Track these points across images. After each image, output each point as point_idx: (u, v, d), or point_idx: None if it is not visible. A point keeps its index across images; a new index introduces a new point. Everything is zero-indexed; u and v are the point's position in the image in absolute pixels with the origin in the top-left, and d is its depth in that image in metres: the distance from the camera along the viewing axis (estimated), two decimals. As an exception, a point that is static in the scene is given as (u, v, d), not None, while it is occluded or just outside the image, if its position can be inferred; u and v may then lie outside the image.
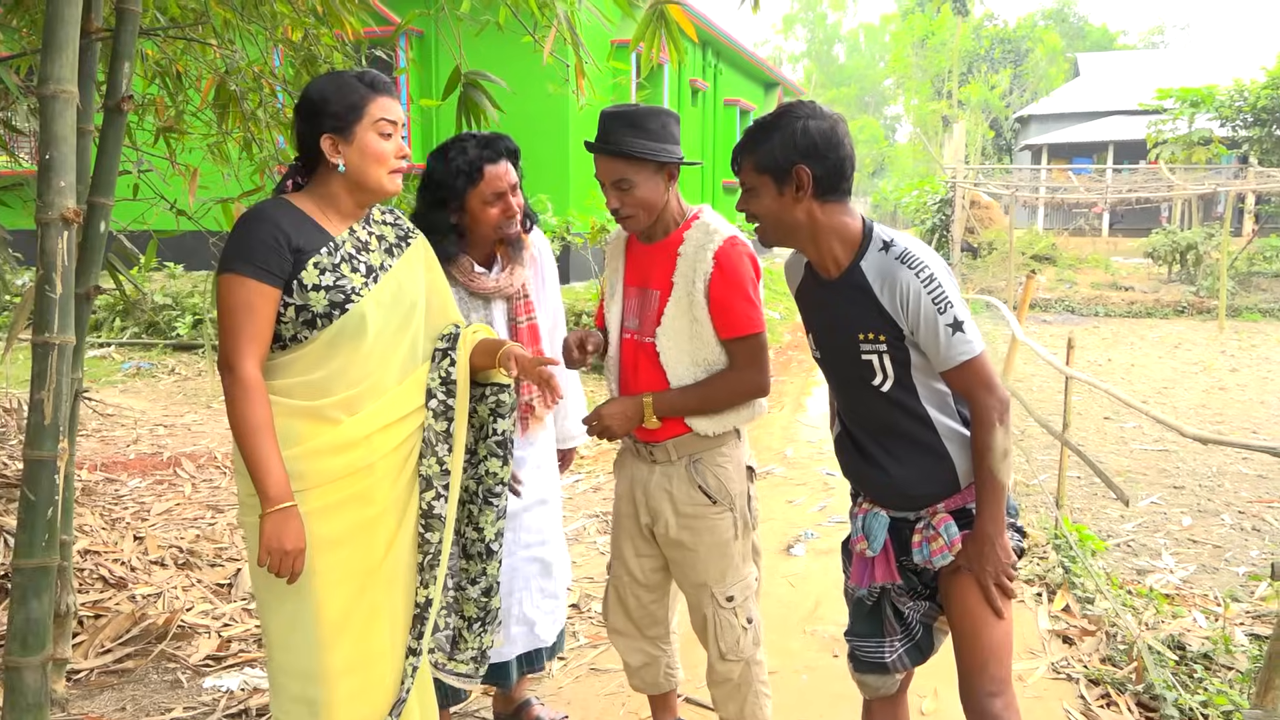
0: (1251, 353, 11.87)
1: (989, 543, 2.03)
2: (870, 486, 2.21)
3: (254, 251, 1.99)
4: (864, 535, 2.21)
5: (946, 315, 1.96)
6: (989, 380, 2.00)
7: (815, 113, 2.04)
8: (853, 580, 2.28)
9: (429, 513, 2.22)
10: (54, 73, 2.22)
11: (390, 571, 2.17)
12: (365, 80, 2.10)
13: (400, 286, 2.21)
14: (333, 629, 2.09)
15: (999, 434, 1.99)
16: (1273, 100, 21.05)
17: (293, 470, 2.01)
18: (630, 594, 2.63)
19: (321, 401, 2.07)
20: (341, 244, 2.12)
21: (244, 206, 3.49)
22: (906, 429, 2.10)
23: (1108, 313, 16.15)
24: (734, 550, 2.46)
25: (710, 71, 18.29)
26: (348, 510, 2.10)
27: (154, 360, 10.05)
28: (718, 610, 2.46)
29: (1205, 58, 33.90)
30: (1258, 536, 5.05)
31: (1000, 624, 2.06)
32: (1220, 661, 3.33)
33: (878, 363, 2.05)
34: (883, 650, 2.28)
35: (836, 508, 5.38)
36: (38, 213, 2.20)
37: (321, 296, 2.04)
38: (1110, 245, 23.73)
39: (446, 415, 2.24)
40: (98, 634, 3.55)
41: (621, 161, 2.33)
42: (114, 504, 5.29)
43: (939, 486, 2.11)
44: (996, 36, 37.87)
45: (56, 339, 2.19)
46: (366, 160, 2.08)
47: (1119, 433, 7.51)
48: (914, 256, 2.00)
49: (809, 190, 2.02)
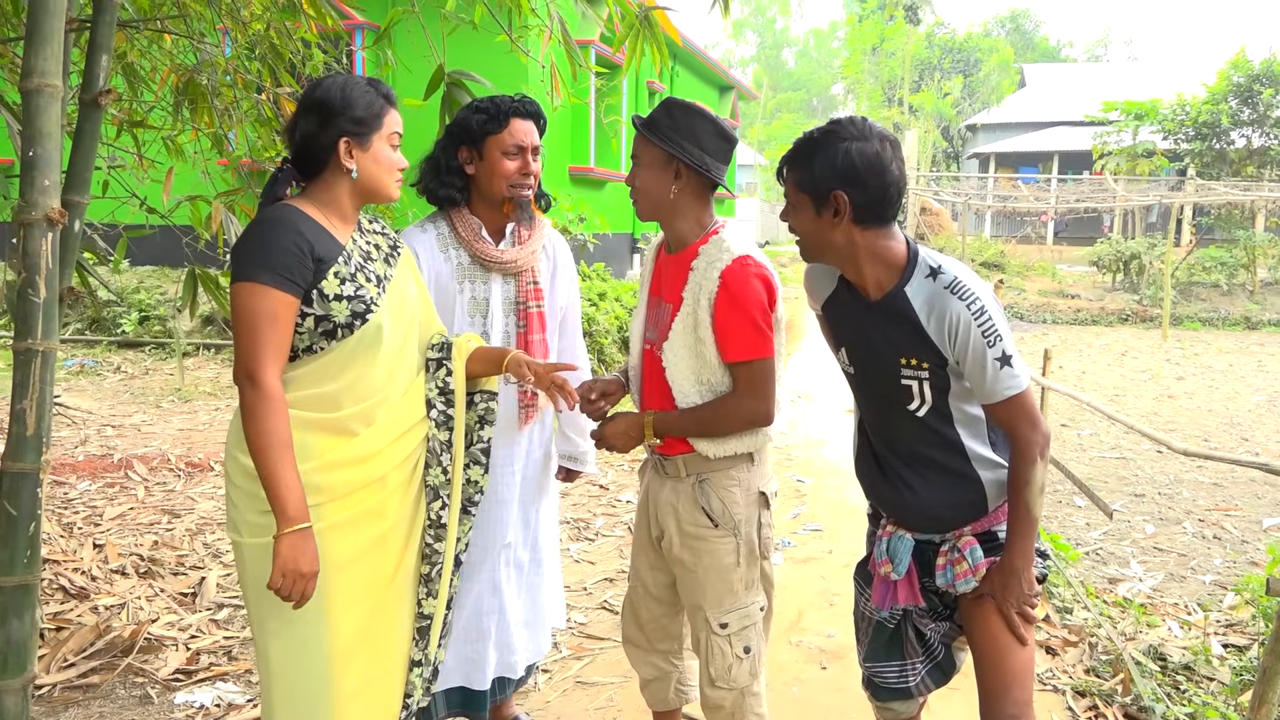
0: (1195, 360, 12.19)
1: (1015, 575, 2.01)
2: (895, 508, 2.17)
3: (277, 259, 1.92)
4: (888, 558, 2.17)
5: (995, 349, 1.92)
6: (1033, 415, 1.97)
7: (863, 133, 1.96)
8: (874, 602, 2.24)
9: (436, 523, 2.21)
10: (39, 66, 2.12)
11: (400, 586, 2.15)
12: (380, 91, 2.09)
13: (403, 296, 2.18)
14: (345, 652, 2.03)
15: (1039, 469, 1.97)
16: (1212, 115, 21.67)
17: (310, 484, 1.95)
18: (643, 605, 2.58)
19: (338, 414, 2.02)
20: (352, 253, 2.08)
21: (222, 205, 3.37)
22: (937, 452, 2.07)
23: (1055, 320, 16.48)
24: (734, 577, 2.36)
25: (667, 74, 18.28)
26: (363, 526, 2.06)
27: (98, 358, 9.74)
28: (711, 635, 2.38)
29: (1149, 72, 34.86)
30: (1219, 545, 5.15)
31: (1024, 649, 2.05)
32: (1201, 672, 3.38)
33: (917, 388, 2.02)
34: (905, 674, 2.25)
35: (810, 515, 5.38)
36: (19, 212, 2.09)
37: (344, 307, 2.00)
38: (1055, 253, 24.23)
39: (448, 425, 2.22)
40: (60, 647, 3.40)
41: (640, 137, 2.33)
42: (64, 508, 5.10)
43: (967, 510, 2.08)
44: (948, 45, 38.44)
45: (40, 345, 2.09)
46: (380, 169, 2.08)
47: (1077, 439, 7.64)
48: (964, 286, 1.95)
49: (846, 216, 1.97)
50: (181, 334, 9.59)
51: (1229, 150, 22.19)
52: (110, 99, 2.75)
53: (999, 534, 2.08)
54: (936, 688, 2.29)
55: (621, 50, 3.37)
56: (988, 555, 2.06)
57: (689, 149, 2.27)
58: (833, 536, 4.99)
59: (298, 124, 2.06)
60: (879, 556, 2.19)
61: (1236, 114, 21.80)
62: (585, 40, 10.48)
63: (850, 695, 3.21)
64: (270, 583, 1.88)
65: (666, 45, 3.44)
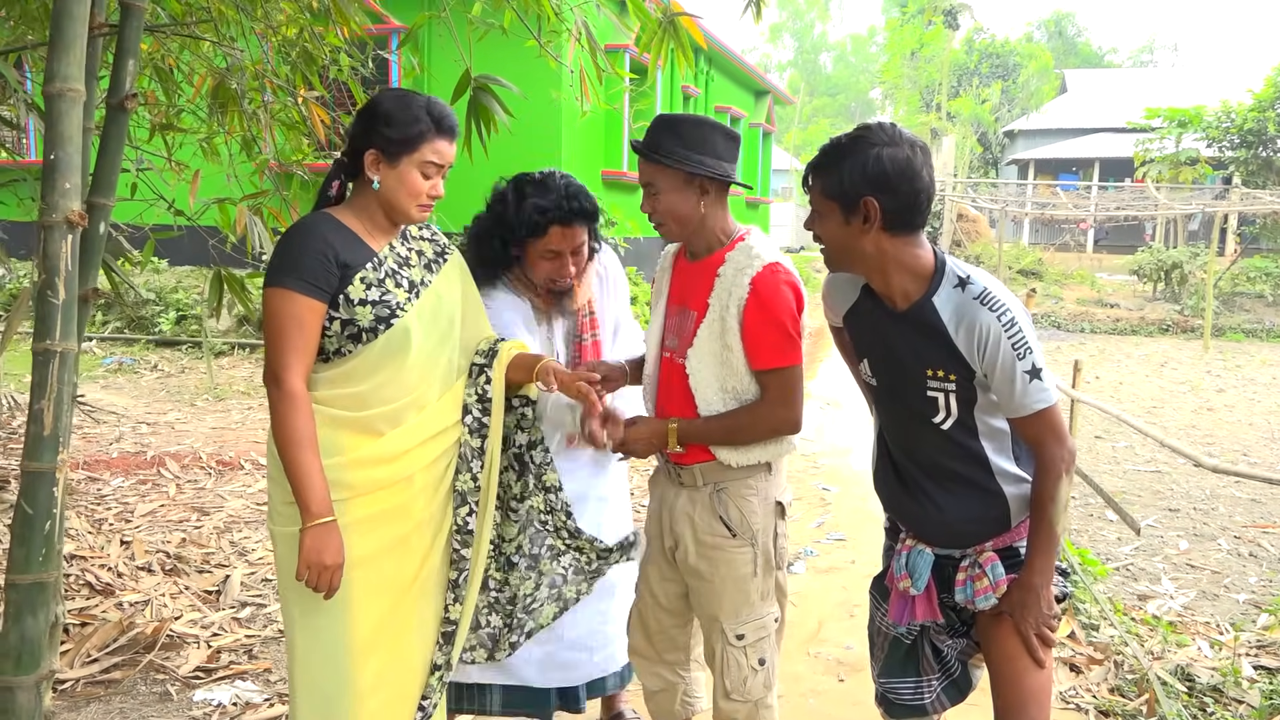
0: (1237, 373, 11.94)
1: (1034, 593, 1.97)
2: (916, 522, 2.14)
3: (303, 266, 2.00)
4: (908, 573, 2.14)
5: (1025, 361, 1.88)
6: (1059, 430, 1.94)
7: (893, 139, 1.92)
8: (891, 617, 2.20)
9: (463, 528, 2.23)
10: (61, 70, 2.15)
11: (423, 587, 2.19)
12: (433, 115, 2.08)
13: (440, 301, 2.22)
14: (364, 646, 2.08)
15: (1064, 485, 1.93)
16: (1258, 123, 21.25)
17: (336, 479, 2.02)
18: (652, 616, 2.54)
19: (366, 413, 2.07)
20: (384, 259, 2.13)
21: (246, 209, 3.40)
22: (960, 465, 2.04)
23: (1093, 329, 16.23)
24: (751, 587, 2.34)
25: (702, 78, 18.27)
26: (386, 524, 2.11)
27: (136, 356, 9.89)
28: (727, 647, 2.35)
29: (1192, 78, 34.24)
30: (1255, 562, 5.03)
31: (1041, 671, 2.01)
32: (1230, 694, 3.29)
33: (943, 400, 1.99)
34: (921, 691, 2.22)
35: (834, 524, 5.33)
36: (41, 215, 2.12)
37: (368, 311, 2.05)
38: (1095, 261, 23.88)
39: (481, 431, 2.25)
40: (84, 643, 3.45)
41: (650, 164, 2.25)
42: (96, 504, 5.18)
43: (989, 525, 2.05)
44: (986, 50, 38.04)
45: (59, 346, 2.12)
46: (401, 190, 2.10)
47: (1111, 452, 7.51)
48: (994, 298, 1.91)
49: (876, 223, 1.92)
50: (207, 334, 9.71)
51: (1275, 158, 21.75)
52: (135, 103, 2.79)
53: (1021, 550, 2.04)
54: (952, 705, 2.25)
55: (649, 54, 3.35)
56: (1009, 572, 2.03)
57: (708, 162, 2.23)
58: (856, 546, 4.94)
59: (352, 123, 2.16)
60: (898, 571, 2.16)
61: (1284, 122, 21.37)
62: (619, 45, 10.50)
63: (866, 709, 3.15)
64: (297, 575, 1.96)
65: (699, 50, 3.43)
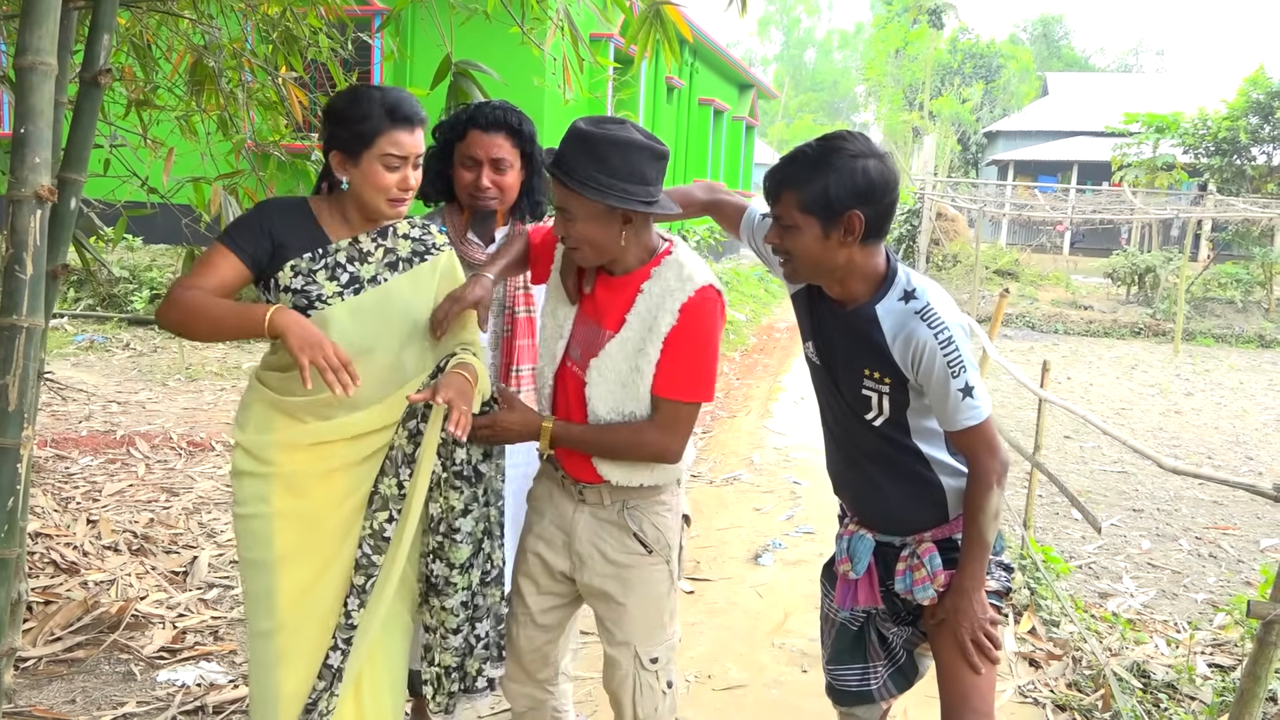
0: (1205, 377, 12.09)
1: (965, 597, 2.02)
2: (858, 501, 2.19)
3: (238, 227, 2.14)
4: (848, 556, 2.18)
5: (959, 380, 1.91)
6: (992, 443, 1.97)
7: (870, 150, 1.89)
8: (835, 601, 2.25)
9: (379, 534, 2.14)
10: (33, 44, 2.12)
11: (329, 586, 2.14)
12: (386, 106, 2.05)
13: (387, 300, 2.16)
14: (289, 610, 2.13)
15: (995, 495, 1.98)
16: (1231, 132, 21.47)
17: (262, 454, 2.07)
18: (523, 635, 2.33)
19: (291, 399, 2.10)
20: (335, 251, 2.13)
21: (221, 188, 3.39)
22: (896, 458, 2.08)
23: (1067, 330, 16.38)
24: (663, 607, 2.22)
25: (686, 70, 18.26)
26: (301, 516, 2.13)
27: (108, 334, 9.80)
28: (640, 672, 2.20)
29: (1174, 84, 34.58)
30: (1214, 563, 5.12)
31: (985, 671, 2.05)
32: (1184, 691, 3.36)
33: (876, 400, 2.02)
34: (867, 678, 2.26)
35: (804, 517, 5.38)
36: (9, 189, 2.10)
37: (288, 299, 2.10)
38: (1070, 263, 24.09)
39: (415, 440, 2.14)
40: (47, 621, 3.43)
41: (567, 190, 1.98)
42: (64, 482, 5.14)
43: (927, 514, 2.09)
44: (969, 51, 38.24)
45: (25, 322, 2.09)
46: (367, 187, 2.10)
47: (1079, 452, 7.60)
48: (934, 314, 1.93)
49: (858, 236, 1.90)
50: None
51: (1249, 166, 21.99)
52: (109, 79, 2.77)
53: (959, 543, 2.08)
54: (899, 693, 2.29)
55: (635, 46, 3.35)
56: (947, 565, 2.07)
57: (633, 191, 1.95)
58: (825, 540, 4.98)
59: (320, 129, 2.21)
60: (839, 555, 2.21)
61: (1256, 130, 21.59)
62: (604, 34, 10.47)
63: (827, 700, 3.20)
64: (299, 364, 1.89)
65: (684, 42, 3.44)
